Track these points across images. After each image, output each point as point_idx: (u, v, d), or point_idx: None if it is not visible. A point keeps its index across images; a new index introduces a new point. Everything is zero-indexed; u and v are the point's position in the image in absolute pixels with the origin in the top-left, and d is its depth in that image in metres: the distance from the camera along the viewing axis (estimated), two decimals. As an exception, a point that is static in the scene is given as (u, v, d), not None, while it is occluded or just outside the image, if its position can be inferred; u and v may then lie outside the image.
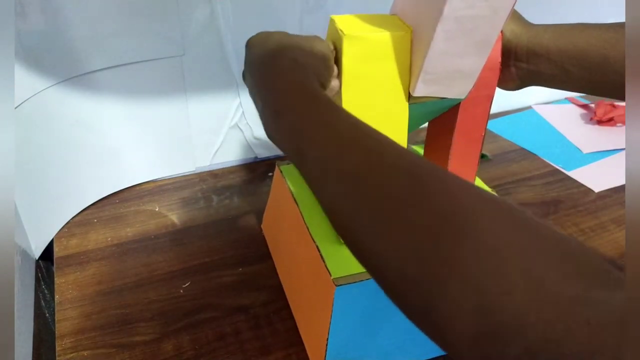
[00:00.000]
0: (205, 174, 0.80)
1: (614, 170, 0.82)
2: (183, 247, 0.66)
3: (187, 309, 0.57)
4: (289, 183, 0.58)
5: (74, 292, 0.59)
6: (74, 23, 0.61)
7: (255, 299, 0.58)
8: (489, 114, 0.51)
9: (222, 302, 0.58)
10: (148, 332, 0.54)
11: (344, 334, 0.48)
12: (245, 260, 0.64)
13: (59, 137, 0.65)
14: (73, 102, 0.65)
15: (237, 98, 0.77)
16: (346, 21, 0.43)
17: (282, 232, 0.61)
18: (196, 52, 0.70)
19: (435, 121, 0.55)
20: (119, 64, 0.66)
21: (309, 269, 0.51)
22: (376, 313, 0.48)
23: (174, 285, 0.60)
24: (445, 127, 0.52)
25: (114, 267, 0.62)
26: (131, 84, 0.69)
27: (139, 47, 0.66)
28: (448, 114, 0.51)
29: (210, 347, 0.53)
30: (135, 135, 0.73)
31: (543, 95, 1.01)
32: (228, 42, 0.71)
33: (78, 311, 0.57)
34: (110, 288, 0.60)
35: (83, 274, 0.61)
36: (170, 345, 0.53)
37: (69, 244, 0.66)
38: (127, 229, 0.68)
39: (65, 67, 0.63)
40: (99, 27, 0.63)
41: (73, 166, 0.68)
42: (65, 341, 0.53)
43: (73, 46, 0.62)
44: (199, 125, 0.76)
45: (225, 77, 0.74)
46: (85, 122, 0.68)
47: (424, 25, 0.40)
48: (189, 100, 0.73)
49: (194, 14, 0.67)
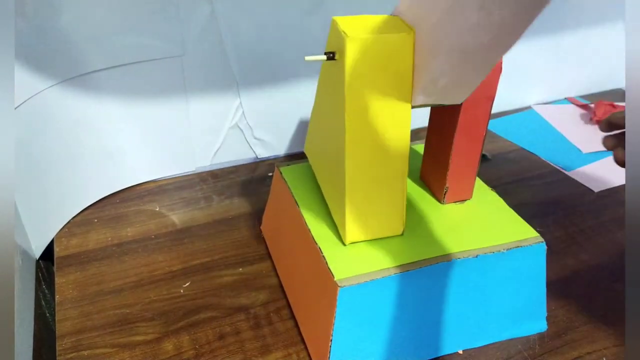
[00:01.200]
0: (205, 174, 0.80)
1: (613, 171, 0.82)
2: (183, 247, 0.66)
3: (187, 309, 0.57)
4: (289, 184, 0.58)
5: (74, 292, 0.59)
6: (74, 23, 0.61)
7: (256, 298, 0.58)
8: (490, 114, 0.51)
9: (222, 301, 0.58)
10: (148, 331, 0.55)
11: (348, 335, 0.48)
12: (246, 260, 0.64)
13: (59, 137, 0.65)
14: (73, 102, 0.65)
15: (237, 98, 0.77)
16: (348, 22, 0.43)
17: (282, 234, 0.61)
18: (196, 52, 0.70)
19: (435, 121, 0.55)
20: (119, 64, 0.66)
21: (311, 271, 0.51)
22: (380, 313, 0.48)
23: (174, 285, 0.60)
24: (446, 127, 0.52)
25: (114, 267, 0.62)
26: (131, 84, 0.69)
27: (139, 47, 0.66)
28: (448, 113, 0.51)
29: (211, 347, 0.53)
30: (136, 135, 0.73)
31: (543, 95, 1.01)
32: (228, 42, 0.71)
33: (78, 311, 0.57)
34: (110, 288, 0.60)
35: (83, 273, 0.61)
36: (171, 345, 0.53)
37: (70, 243, 0.66)
38: (128, 228, 0.68)
39: (65, 67, 0.63)
40: (99, 27, 0.63)
41: (73, 166, 0.68)
42: (65, 341, 0.53)
43: (73, 46, 0.62)
44: (200, 125, 0.76)
45: (225, 77, 0.74)
46: (86, 122, 0.68)
47: (425, 32, 0.40)
48: (189, 100, 0.73)
49: (194, 13, 0.67)
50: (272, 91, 0.78)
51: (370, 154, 0.45)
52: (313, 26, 0.74)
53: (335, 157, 0.48)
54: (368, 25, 0.42)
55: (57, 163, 0.66)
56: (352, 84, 0.42)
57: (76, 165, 0.68)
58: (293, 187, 0.57)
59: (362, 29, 0.41)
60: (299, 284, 0.56)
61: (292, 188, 0.57)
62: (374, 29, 0.41)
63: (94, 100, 0.67)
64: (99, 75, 0.66)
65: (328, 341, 0.47)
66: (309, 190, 0.57)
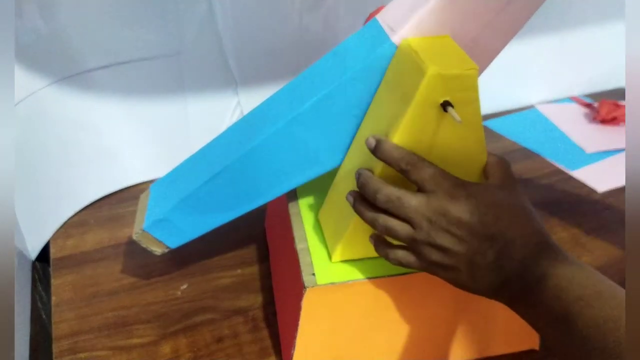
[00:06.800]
0: (204, 174, 0.79)
1: (617, 170, 0.81)
2: (181, 248, 0.65)
3: (184, 311, 0.56)
4: None
5: (70, 293, 0.59)
6: (70, 22, 0.60)
7: (254, 300, 0.58)
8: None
9: (220, 304, 0.57)
10: (145, 334, 0.54)
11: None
12: (244, 261, 0.63)
13: (55, 137, 0.65)
14: (70, 102, 0.65)
15: (235, 97, 0.76)
16: (422, 47, 0.41)
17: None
18: (194, 51, 0.69)
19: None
20: (116, 62, 0.66)
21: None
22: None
23: (171, 287, 0.59)
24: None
25: (111, 268, 0.62)
26: (129, 82, 0.68)
27: (137, 45, 0.66)
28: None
29: (209, 350, 0.52)
30: (133, 135, 0.72)
31: (546, 94, 1.01)
32: (227, 41, 0.70)
33: (75, 313, 0.56)
34: (107, 290, 0.59)
35: (80, 275, 0.61)
36: (168, 348, 0.53)
37: (66, 245, 0.65)
38: (125, 229, 0.68)
39: (61, 66, 0.62)
40: (96, 26, 0.62)
41: (70, 166, 0.68)
42: (62, 343, 0.53)
43: (70, 45, 0.62)
44: (198, 124, 0.75)
45: (223, 76, 0.73)
46: (83, 121, 0.67)
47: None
48: (187, 99, 0.73)
49: (192, 12, 0.67)
50: (270, 90, 0.77)
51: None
52: (312, 24, 0.73)
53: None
54: (441, 52, 0.41)
55: (54, 163, 0.65)
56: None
57: (73, 165, 0.68)
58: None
59: (439, 60, 0.39)
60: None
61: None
62: (449, 61, 0.39)
63: (91, 100, 0.67)
64: (96, 74, 0.65)
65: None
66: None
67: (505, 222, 0.38)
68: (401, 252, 0.41)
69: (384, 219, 0.40)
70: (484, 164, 0.43)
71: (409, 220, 0.39)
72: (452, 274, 0.39)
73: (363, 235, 0.45)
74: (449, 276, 0.40)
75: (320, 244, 0.49)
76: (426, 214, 0.38)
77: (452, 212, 0.38)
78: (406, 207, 0.39)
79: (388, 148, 0.40)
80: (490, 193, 0.39)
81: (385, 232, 0.41)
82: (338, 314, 0.47)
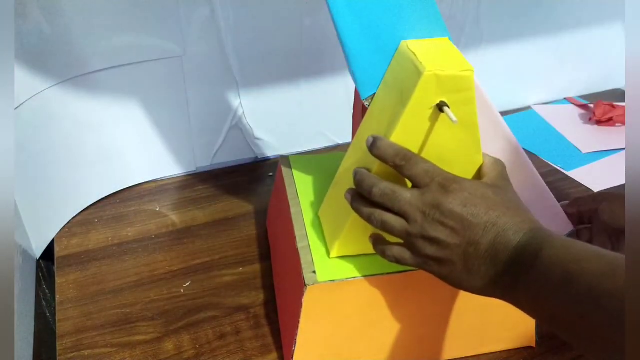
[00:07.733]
0: (205, 174, 0.80)
1: (613, 170, 0.82)
2: (184, 246, 0.66)
3: (187, 309, 0.57)
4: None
5: (74, 291, 0.59)
6: (74, 23, 0.61)
7: (256, 298, 0.59)
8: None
9: (223, 301, 0.58)
10: (149, 331, 0.55)
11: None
12: (246, 259, 0.64)
13: (59, 138, 0.65)
14: (74, 103, 0.65)
15: (237, 98, 0.77)
16: (420, 49, 0.42)
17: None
18: (196, 52, 0.70)
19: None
20: (119, 64, 0.66)
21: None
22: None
23: (174, 284, 0.60)
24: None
25: (114, 266, 0.62)
26: (132, 84, 0.69)
27: (140, 47, 0.66)
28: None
29: (211, 347, 0.53)
30: (136, 136, 0.73)
31: (542, 96, 1.02)
32: (228, 42, 0.71)
33: (79, 311, 0.57)
34: (110, 288, 0.60)
35: (84, 273, 0.61)
36: (171, 345, 0.53)
37: (70, 243, 0.66)
38: (128, 228, 0.68)
39: (65, 68, 0.63)
40: (100, 28, 0.63)
41: (74, 166, 0.68)
42: (66, 341, 0.54)
43: (73, 47, 0.62)
44: (200, 125, 0.76)
45: (225, 77, 0.74)
46: (86, 122, 0.68)
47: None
48: (189, 100, 0.73)
49: (195, 14, 0.67)
50: (272, 91, 0.78)
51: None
52: (313, 26, 0.74)
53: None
54: (438, 54, 0.41)
55: (58, 163, 0.66)
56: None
57: (77, 165, 0.68)
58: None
59: (435, 61, 0.40)
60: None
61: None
62: (446, 62, 0.40)
63: (95, 100, 0.67)
64: (99, 75, 0.66)
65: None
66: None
67: (497, 212, 0.38)
68: (397, 248, 0.42)
69: (380, 213, 0.41)
70: (479, 165, 0.44)
71: (403, 213, 0.40)
72: (447, 268, 0.40)
73: (361, 232, 0.46)
74: (444, 271, 0.40)
75: (320, 243, 0.50)
76: (420, 207, 0.39)
77: (445, 205, 0.38)
78: (400, 200, 0.40)
79: (383, 145, 0.41)
80: (482, 188, 0.40)
81: (381, 227, 0.41)
82: (338, 311, 0.48)
